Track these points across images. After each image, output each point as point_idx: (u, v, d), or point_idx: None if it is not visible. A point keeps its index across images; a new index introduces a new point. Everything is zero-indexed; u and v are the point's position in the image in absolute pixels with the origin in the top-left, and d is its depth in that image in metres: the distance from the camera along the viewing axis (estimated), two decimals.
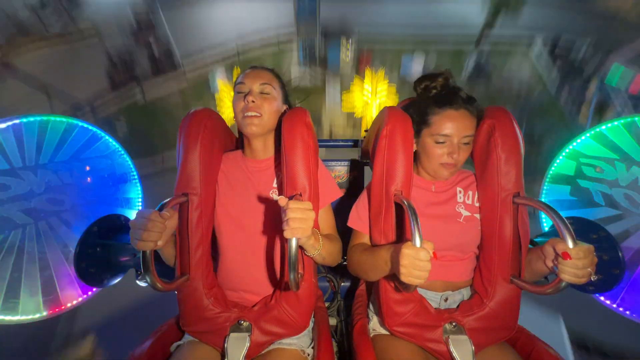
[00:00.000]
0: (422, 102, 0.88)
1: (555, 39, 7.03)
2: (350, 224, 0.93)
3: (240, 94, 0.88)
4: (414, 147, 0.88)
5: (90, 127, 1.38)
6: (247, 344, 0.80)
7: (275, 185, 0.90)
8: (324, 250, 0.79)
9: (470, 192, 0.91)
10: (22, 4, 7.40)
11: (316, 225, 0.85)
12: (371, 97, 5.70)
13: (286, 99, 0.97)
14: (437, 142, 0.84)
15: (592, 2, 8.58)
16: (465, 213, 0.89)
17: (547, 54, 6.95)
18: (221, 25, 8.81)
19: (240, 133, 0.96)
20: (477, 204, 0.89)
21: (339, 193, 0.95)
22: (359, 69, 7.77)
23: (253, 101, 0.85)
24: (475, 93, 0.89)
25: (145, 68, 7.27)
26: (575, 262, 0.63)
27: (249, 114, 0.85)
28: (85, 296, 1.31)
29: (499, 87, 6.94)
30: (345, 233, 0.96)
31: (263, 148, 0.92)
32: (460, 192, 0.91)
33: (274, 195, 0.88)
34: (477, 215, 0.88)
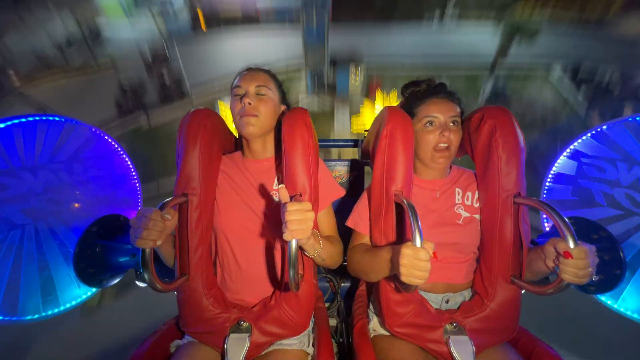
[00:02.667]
0: (408, 102, 0.95)
1: (575, 65, 7.01)
2: (350, 224, 0.93)
3: (237, 96, 0.88)
4: None
5: (89, 127, 1.38)
6: (247, 345, 0.79)
7: (275, 187, 0.90)
8: (323, 252, 0.79)
9: (469, 193, 0.91)
10: (51, 43, 8.43)
11: (315, 226, 0.85)
12: None
13: (284, 99, 0.97)
14: (426, 126, 0.87)
15: (608, 29, 8.67)
16: (464, 214, 0.88)
17: (569, 79, 6.92)
18: (231, 58, 9.21)
19: (240, 134, 0.96)
20: (476, 205, 0.89)
21: (341, 192, 0.94)
22: (368, 94, 7.72)
23: (250, 103, 0.85)
24: None
25: (154, 97, 7.60)
26: (577, 262, 0.62)
27: (246, 115, 0.85)
28: (84, 297, 1.31)
29: (520, 111, 6.70)
30: (346, 234, 0.95)
31: (262, 149, 0.92)
32: (458, 192, 0.91)
33: (275, 198, 0.87)
34: (477, 216, 0.88)
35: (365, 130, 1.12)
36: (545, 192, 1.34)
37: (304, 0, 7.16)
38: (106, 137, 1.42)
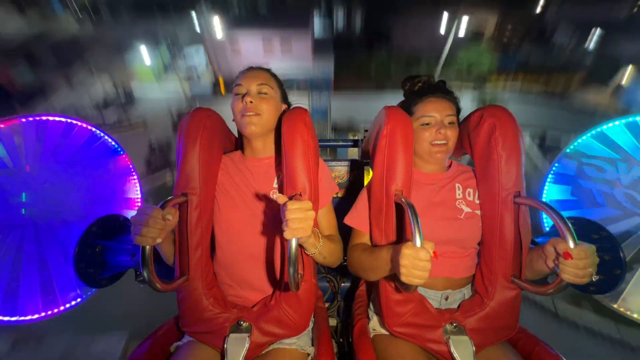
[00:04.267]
0: (407, 98, 0.97)
1: (542, 133, 7.61)
2: (349, 222, 0.93)
3: (238, 95, 0.88)
4: None
5: (89, 127, 1.38)
6: (247, 345, 0.79)
7: (275, 185, 0.90)
8: (324, 249, 0.79)
9: (470, 190, 0.91)
10: (91, 103, 9.79)
11: (315, 224, 0.85)
12: None
13: (285, 99, 0.97)
14: (423, 125, 0.89)
15: (571, 99, 10.26)
16: (466, 209, 0.88)
17: (537, 146, 7.46)
18: None
19: (240, 133, 0.96)
20: (477, 201, 0.89)
21: (336, 188, 0.97)
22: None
23: (251, 102, 0.85)
24: None
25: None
26: (577, 262, 0.62)
27: (248, 113, 0.85)
28: (84, 297, 1.31)
29: None
30: (345, 233, 0.95)
31: (263, 148, 0.92)
32: (459, 188, 0.91)
33: (274, 196, 0.87)
34: (478, 212, 0.88)
35: (365, 130, 1.12)
36: (545, 192, 1.34)
37: (310, 84, 9.20)
38: (106, 137, 1.43)
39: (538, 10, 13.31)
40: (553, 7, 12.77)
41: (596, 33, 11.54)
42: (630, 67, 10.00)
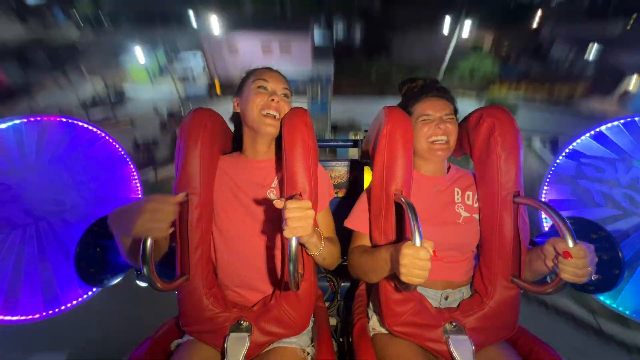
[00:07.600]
0: (405, 99, 0.98)
1: (552, 139, 7.78)
2: (349, 225, 0.93)
3: (261, 88, 0.88)
4: None
5: (90, 127, 1.38)
6: (247, 344, 0.79)
7: (274, 185, 0.90)
8: (324, 251, 0.79)
9: (469, 193, 0.91)
10: (77, 102, 9.88)
11: (316, 225, 0.85)
12: None
13: None
14: (422, 121, 0.89)
15: (577, 106, 10.64)
16: (464, 214, 0.89)
17: (549, 151, 7.61)
18: None
19: (238, 131, 0.96)
20: (476, 205, 0.89)
21: (332, 192, 0.98)
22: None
23: (279, 102, 0.86)
24: None
25: (167, 153, 8.01)
26: (576, 261, 0.63)
27: (272, 113, 0.86)
28: (85, 296, 1.31)
29: None
30: (345, 233, 0.96)
31: (267, 150, 0.93)
32: (458, 192, 0.91)
33: (272, 195, 0.88)
34: (477, 216, 0.88)
35: (365, 130, 1.12)
36: (544, 192, 1.35)
37: (310, 77, 8.91)
38: (107, 137, 1.43)
39: (534, 26, 13.98)
40: (548, 25, 13.49)
41: (594, 47, 12.03)
42: (635, 76, 10.37)
